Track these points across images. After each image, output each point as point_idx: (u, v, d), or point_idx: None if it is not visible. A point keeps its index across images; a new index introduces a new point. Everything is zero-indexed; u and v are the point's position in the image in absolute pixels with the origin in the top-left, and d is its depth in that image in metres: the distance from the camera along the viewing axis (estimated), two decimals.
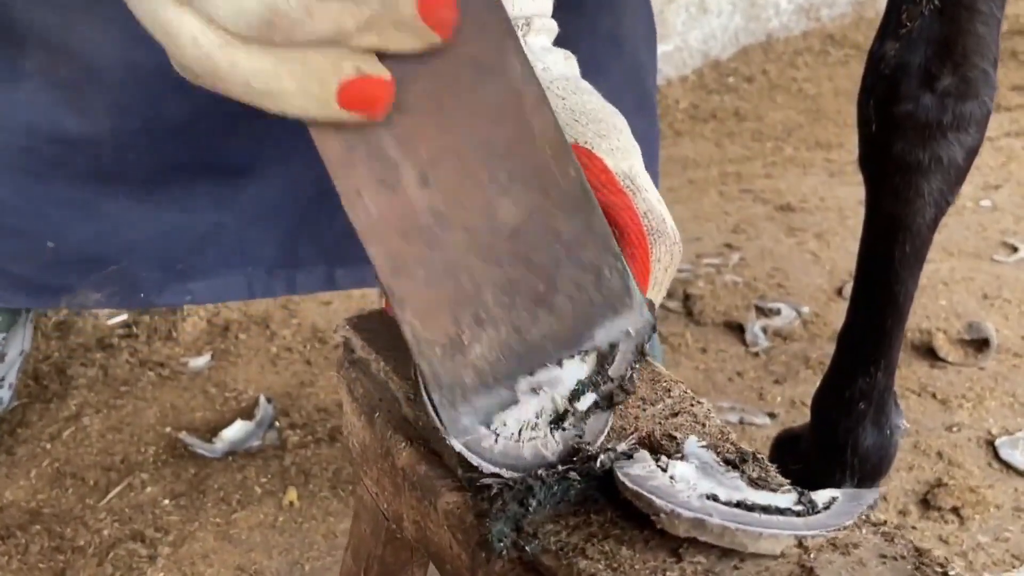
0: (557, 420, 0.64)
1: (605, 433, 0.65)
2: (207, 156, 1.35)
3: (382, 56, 0.55)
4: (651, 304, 0.66)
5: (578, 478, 0.60)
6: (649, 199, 0.69)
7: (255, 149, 1.36)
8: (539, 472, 0.60)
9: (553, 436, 0.64)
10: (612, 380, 0.65)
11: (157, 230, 1.37)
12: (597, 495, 0.60)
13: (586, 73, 1.37)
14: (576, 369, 0.65)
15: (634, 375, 0.66)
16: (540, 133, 0.62)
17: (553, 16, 1.03)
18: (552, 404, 0.65)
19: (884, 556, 0.56)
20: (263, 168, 1.37)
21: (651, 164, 1.48)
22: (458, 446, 0.63)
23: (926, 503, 1.52)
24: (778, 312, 2.01)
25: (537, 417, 0.64)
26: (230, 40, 0.53)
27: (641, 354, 0.66)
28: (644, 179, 0.71)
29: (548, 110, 0.62)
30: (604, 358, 0.65)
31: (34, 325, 1.74)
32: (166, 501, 1.57)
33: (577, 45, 1.37)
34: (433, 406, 0.62)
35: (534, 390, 0.64)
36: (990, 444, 1.63)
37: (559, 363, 0.65)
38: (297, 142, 1.33)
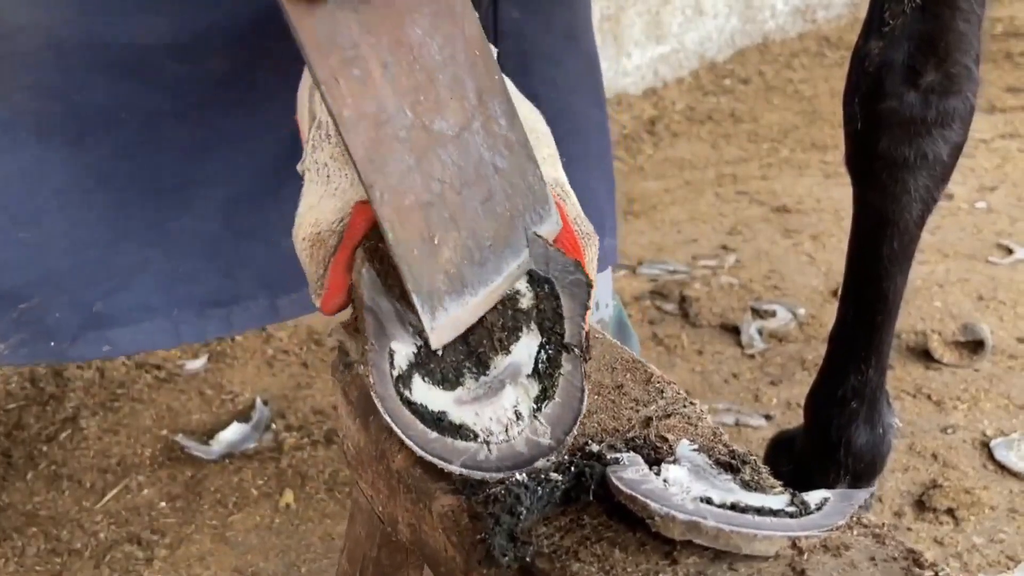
0: (535, 402, 0.65)
1: (585, 400, 0.66)
2: (137, 165, 1.21)
3: None
4: (578, 264, 0.67)
5: (560, 478, 0.60)
6: (576, 204, 0.71)
7: (190, 163, 1.24)
8: (522, 479, 0.60)
9: (538, 420, 0.64)
10: (569, 347, 0.66)
11: (77, 261, 1.21)
12: (588, 498, 0.60)
13: (544, 67, 1.38)
14: (526, 347, 0.66)
15: (587, 336, 0.67)
16: (471, 37, 0.64)
17: (513, 13, 1.03)
18: (523, 390, 0.65)
19: (875, 557, 0.56)
20: (198, 190, 1.25)
21: (604, 156, 1.50)
22: (457, 470, 0.63)
23: (921, 504, 1.52)
24: (774, 314, 2.02)
25: (515, 408, 0.64)
26: None
27: (586, 308, 0.67)
28: (568, 185, 0.72)
29: (474, 15, 0.64)
30: (551, 327, 0.66)
31: None
32: (163, 503, 1.58)
33: (535, 40, 1.38)
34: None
35: (500, 385, 0.65)
36: (985, 446, 1.64)
37: (507, 350, 0.65)
38: (236, 158, 1.24)
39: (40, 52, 1.14)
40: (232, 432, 1.70)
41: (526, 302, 0.66)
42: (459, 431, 0.64)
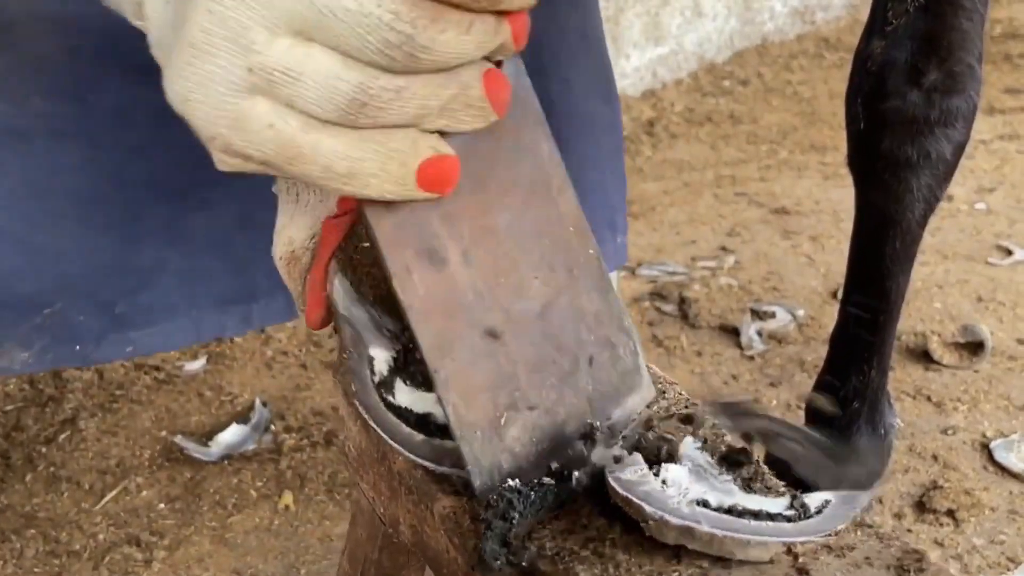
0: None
1: None
2: (152, 166, 1.21)
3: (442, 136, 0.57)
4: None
5: (553, 483, 0.60)
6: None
7: (204, 162, 1.23)
8: (515, 484, 0.60)
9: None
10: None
11: (96, 264, 1.22)
12: (590, 500, 0.60)
13: (558, 68, 1.39)
14: None
15: None
16: (565, 212, 0.63)
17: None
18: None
19: (880, 559, 0.56)
20: (213, 188, 1.26)
21: (616, 153, 1.50)
22: (446, 470, 0.63)
23: (921, 506, 1.52)
24: (773, 315, 2.02)
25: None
26: (311, 123, 0.53)
27: None
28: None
29: (571, 190, 0.63)
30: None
31: None
32: (162, 505, 1.57)
33: (549, 42, 1.39)
34: (472, 489, 0.62)
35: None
36: (985, 447, 1.64)
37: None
38: None
39: (53, 55, 1.14)
40: (231, 433, 1.70)
41: None
42: (445, 432, 0.64)
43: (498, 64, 0.58)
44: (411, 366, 0.65)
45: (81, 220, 1.20)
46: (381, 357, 0.64)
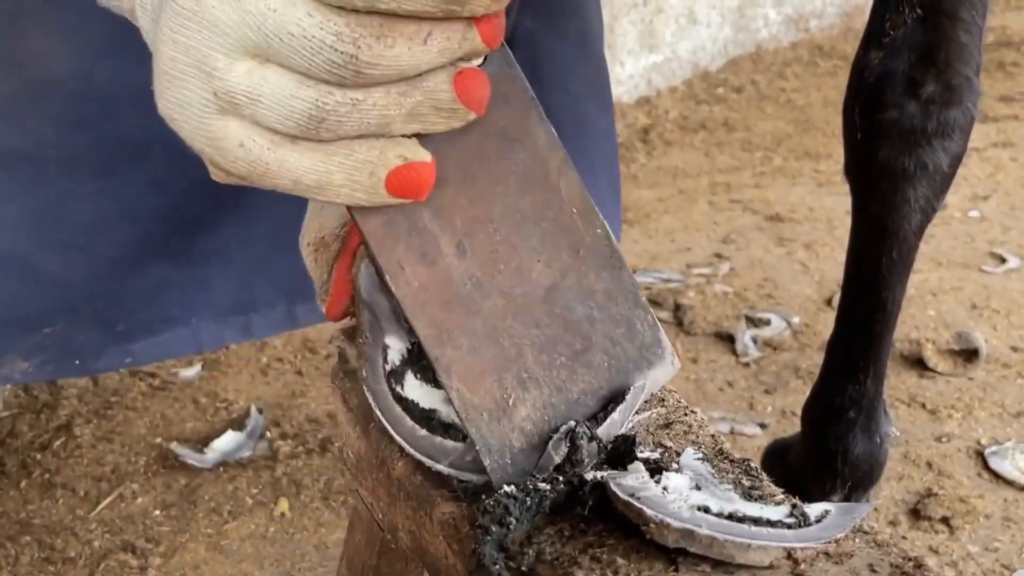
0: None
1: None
2: (168, 199, 1.22)
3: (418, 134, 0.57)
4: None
5: (548, 488, 0.60)
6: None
7: (212, 190, 1.25)
8: (510, 490, 0.60)
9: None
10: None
11: (101, 288, 1.23)
12: (581, 509, 0.60)
13: (559, 77, 1.40)
14: None
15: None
16: (566, 195, 0.64)
17: (526, 24, 1.04)
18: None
19: (878, 566, 0.56)
20: (217, 215, 1.27)
21: (612, 161, 1.52)
22: (444, 469, 0.63)
23: (916, 513, 1.53)
24: (768, 322, 2.02)
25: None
26: (278, 140, 0.54)
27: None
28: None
29: (572, 172, 0.64)
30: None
31: None
32: (157, 512, 1.57)
33: (549, 49, 1.40)
34: (484, 470, 0.62)
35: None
36: (979, 454, 1.64)
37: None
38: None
39: (66, 79, 1.13)
40: (226, 440, 1.70)
41: None
42: (448, 430, 0.64)
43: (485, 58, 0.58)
44: (424, 360, 0.65)
45: (88, 248, 1.21)
46: (396, 347, 0.65)
